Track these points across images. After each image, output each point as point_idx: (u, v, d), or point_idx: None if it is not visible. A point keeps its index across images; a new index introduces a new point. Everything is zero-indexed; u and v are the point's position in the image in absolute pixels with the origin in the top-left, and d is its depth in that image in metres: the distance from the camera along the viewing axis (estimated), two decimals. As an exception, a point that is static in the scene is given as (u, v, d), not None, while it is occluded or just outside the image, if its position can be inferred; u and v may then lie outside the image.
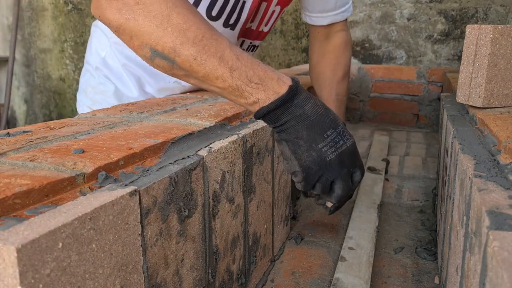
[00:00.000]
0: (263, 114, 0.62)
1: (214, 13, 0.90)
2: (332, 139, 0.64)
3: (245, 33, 1.03)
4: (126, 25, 0.60)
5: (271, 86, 0.61)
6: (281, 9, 1.04)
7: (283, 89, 0.61)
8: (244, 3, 0.92)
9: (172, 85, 0.99)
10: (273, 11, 1.03)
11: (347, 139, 0.65)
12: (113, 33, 0.63)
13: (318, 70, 1.10)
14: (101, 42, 1.03)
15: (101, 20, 0.64)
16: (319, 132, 0.63)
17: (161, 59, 0.61)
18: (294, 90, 0.62)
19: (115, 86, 1.03)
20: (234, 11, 0.92)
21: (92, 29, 1.10)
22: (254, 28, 1.04)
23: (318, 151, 0.63)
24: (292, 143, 0.63)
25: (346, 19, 1.12)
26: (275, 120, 0.63)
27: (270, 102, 0.61)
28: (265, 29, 1.07)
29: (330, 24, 1.09)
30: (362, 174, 0.70)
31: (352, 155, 0.67)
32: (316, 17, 1.08)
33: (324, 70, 1.08)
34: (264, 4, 0.99)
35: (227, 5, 0.90)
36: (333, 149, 0.64)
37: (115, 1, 0.60)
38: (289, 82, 0.62)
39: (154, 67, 0.63)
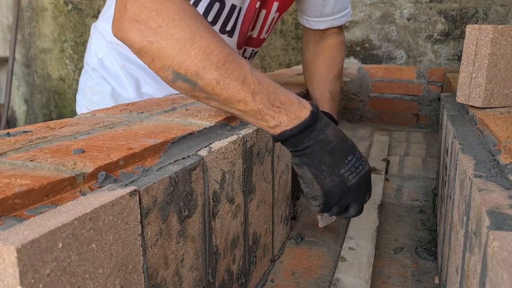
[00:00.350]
0: (286, 137, 0.62)
1: (210, 18, 0.90)
2: (353, 165, 0.65)
3: (247, 42, 1.04)
4: (148, 48, 0.60)
5: (293, 110, 0.62)
6: (280, 15, 1.04)
7: (304, 114, 0.62)
8: (240, 9, 0.92)
9: None
10: (273, 18, 1.03)
11: (365, 164, 0.67)
12: (135, 54, 0.63)
13: (312, 68, 1.09)
14: (100, 43, 1.03)
15: (123, 42, 0.63)
16: (341, 158, 0.65)
17: (183, 82, 0.61)
18: (315, 115, 0.63)
19: (112, 87, 1.03)
20: (230, 18, 0.92)
21: (92, 30, 1.10)
22: (256, 36, 1.04)
23: (340, 176, 0.64)
24: (314, 167, 0.64)
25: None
26: (297, 144, 0.63)
27: (293, 126, 0.62)
28: (265, 36, 1.07)
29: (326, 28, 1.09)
30: (370, 196, 0.72)
31: (369, 179, 0.69)
32: (314, 21, 1.08)
33: (318, 67, 1.07)
34: (264, 11, 0.98)
35: (222, 11, 0.89)
36: (354, 174, 0.65)
37: (137, 24, 0.60)
38: (309, 107, 0.63)
39: (174, 89, 0.64)
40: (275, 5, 0.98)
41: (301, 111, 0.63)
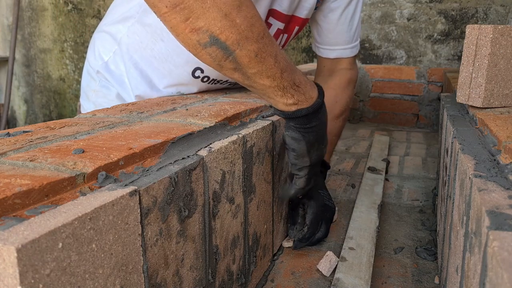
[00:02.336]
0: (300, 115, 0.67)
1: None
2: (326, 140, 0.77)
3: None
4: (188, 4, 0.53)
5: (306, 89, 0.67)
6: (295, 35, 1.04)
7: (315, 94, 0.69)
8: None
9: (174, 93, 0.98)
10: (290, 39, 1.03)
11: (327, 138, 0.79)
12: (162, 9, 0.55)
13: None
14: (106, 46, 1.01)
15: None
16: (325, 134, 0.75)
17: (217, 48, 0.57)
18: (322, 95, 0.70)
19: (117, 90, 1.02)
20: None
21: (99, 33, 1.06)
22: None
23: (321, 150, 0.75)
24: (311, 144, 0.72)
25: (355, 57, 1.10)
26: (306, 122, 0.69)
27: (309, 105, 0.67)
28: None
29: (336, 58, 1.08)
30: None
31: None
32: (324, 49, 1.07)
33: None
34: (285, 36, 0.98)
35: None
36: (326, 148, 0.77)
37: None
38: (315, 87, 0.70)
39: (199, 54, 0.59)
40: (296, 29, 0.99)
41: (313, 91, 0.68)
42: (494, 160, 0.50)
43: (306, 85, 0.67)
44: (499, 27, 0.69)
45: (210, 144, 0.58)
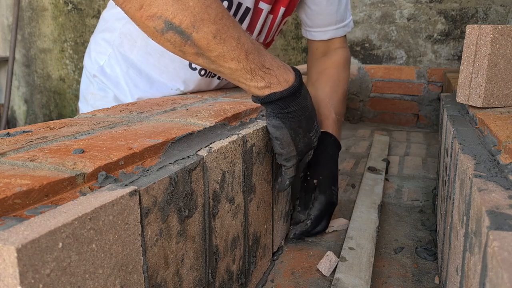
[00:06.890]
0: (274, 99, 0.64)
1: None
2: (316, 129, 0.74)
3: None
4: None
5: (280, 73, 0.64)
6: (282, 19, 1.03)
7: (291, 77, 0.65)
8: (247, 10, 0.90)
9: (174, 91, 0.98)
10: (279, 23, 1.02)
11: (319, 126, 0.76)
12: (116, 2, 0.58)
13: (317, 86, 1.04)
14: (100, 51, 1.01)
15: None
16: (311, 122, 0.72)
17: (174, 33, 0.57)
18: (299, 79, 0.66)
19: (113, 93, 1.02)
20: (235, 17, 0.91)
21: (92, 40, 1.07)
22: (262, 41, 1.03)
23: (309, 139, 0.72)
24: (294, 130, 0.69)
25: (345, 36, 1.10)
26: (283, 107, 0.66)
27: (283, 88, 0.64)
28: (270, 40, 1.07)
29: (330, 39, 1.07)
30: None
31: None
32: (316, 32, 1.06)
33: (323, 86, 1.02)
34: (271, 16, 0.98)
35: (229, 10, 0.88)
36: (316, 137, 0.75)
37: None
38: (292, 71, 0.67)
39: (160, 42, 0.60)
40: (282, 10, 0.98)
41: (288, 75, 0.65)
42: (494, 160, 0.50)
43: (280, 69, 0.65)
44: (499, 27, 0.69)
45: (210, 144, 0.58)
